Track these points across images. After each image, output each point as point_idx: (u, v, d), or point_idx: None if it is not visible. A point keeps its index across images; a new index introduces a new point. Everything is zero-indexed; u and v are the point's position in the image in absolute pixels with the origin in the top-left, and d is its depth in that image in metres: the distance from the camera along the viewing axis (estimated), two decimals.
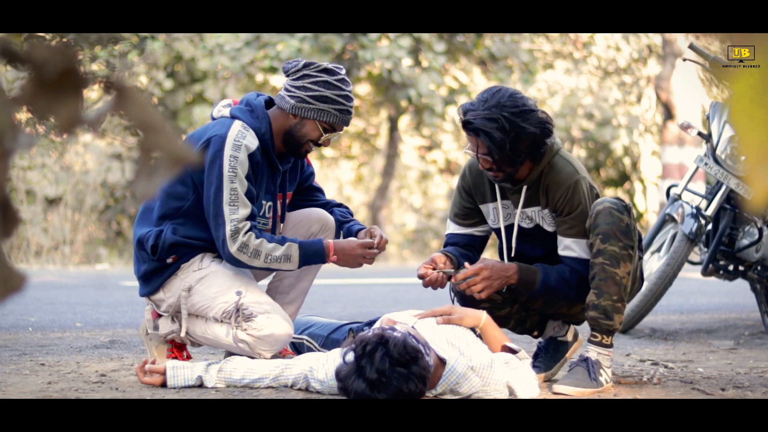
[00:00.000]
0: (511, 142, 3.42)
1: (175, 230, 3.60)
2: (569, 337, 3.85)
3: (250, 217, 3.55)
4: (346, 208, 4.02)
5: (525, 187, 3.58)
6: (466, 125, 3.46)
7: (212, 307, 3.61)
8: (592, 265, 3.48)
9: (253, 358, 3.55)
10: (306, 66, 3.61)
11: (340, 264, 3.66)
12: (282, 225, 3.85)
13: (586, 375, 3.47)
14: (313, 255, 3.60)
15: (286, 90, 3.65)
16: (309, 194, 3.96)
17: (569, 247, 3.54)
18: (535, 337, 3.90)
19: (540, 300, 3.73)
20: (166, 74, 13.00)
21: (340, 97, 3.62)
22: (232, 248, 3.51)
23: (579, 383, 3.46)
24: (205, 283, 3.62)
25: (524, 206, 3.60)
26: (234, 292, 3.60)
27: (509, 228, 3.68)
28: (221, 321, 3.62)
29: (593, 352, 3.52)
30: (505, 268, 3.51)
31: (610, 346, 3.53)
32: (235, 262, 3.56)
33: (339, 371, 3.05)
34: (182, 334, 3.67)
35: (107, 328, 5.44)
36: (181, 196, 3.61)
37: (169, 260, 3.62)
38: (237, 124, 3.58)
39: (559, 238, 3.57)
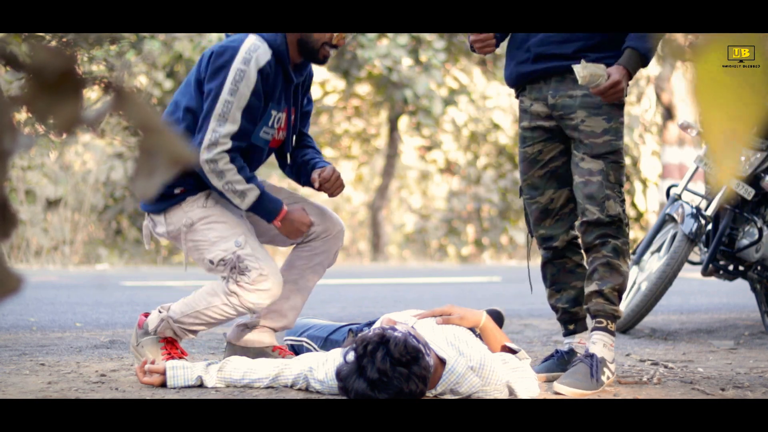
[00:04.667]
0: None
1: None
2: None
3: (237, 136, 3.59)
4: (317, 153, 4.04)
5: None
6: None
7: (210, 250, 3.68)
8: (594, 259, 3.58)
9: (247, 356, 3.56)
10: None
11: (280, 230, 3.73)
12: (294, 139, 3.90)
13: (588, 374, 3.47)
14: (264, 211, 3.67)
15: None
16: (299, 140, 3.99)
17: None
18: (569, 331, 3.87)
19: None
20: (166, 74, 12.99)
21: None
22: (202, 156, 3.57)
23: (579, 384, 3.46)
24: (208, 224, 3.69)
25: None
26: (233, 242, 3.65)
27: None
28: (215, 266, 3.66)
29: (599, 344, 3.55)
30: (619, 69, 3.49)
31: (614, 334, 3.59)
32: (197, 169, 3.64)
33: (340, 371, 3.04)
34: (185, 263, 3.86)
35: (107, 328, 5.44)
36: (195, 109, 3.68)
37: (177, 191, 3.69)
38: (251, 38, 3.63)
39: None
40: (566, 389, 3.43)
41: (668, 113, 14.51)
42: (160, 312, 3.74)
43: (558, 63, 3.60)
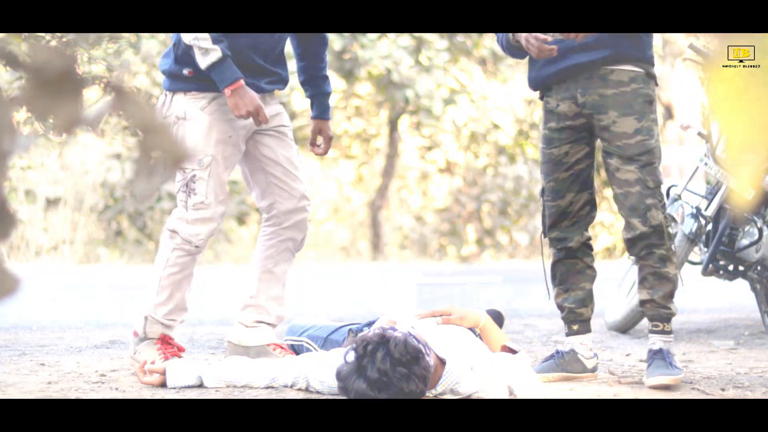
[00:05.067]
0: None
1: None
2: (588, 364, 3.82)
3: None
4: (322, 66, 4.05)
5: None
6: None
7: None
8: (642, 267, 3.68)
9: (248, 355, 3.55)
10: None
11: (229, 100, 3.66)
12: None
13: (668, 364, 3.61)
14: (221, 76, 3.62)
15: None
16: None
17: None
18: (572, 331, 3.87)
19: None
20: None
21: None
22: None
23: (669, 372, 3.58)
24: (193, 126, 3.70)
25: None
26: (198, 159, 3.69)
27: None
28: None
29: (659, 344, 3.69)
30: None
31: (672, 332, 3.72)
32: None
33: (340, 371, 3.04)
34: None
35: (107, 328, 5.44)
36: None
37: (185, 72, 3.71)
38: None
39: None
40: (665, 378, 3.54)
41: (668, 113, 14.51)
42: (140, 314, 3.78)
43: (583, 59, 3.57)
